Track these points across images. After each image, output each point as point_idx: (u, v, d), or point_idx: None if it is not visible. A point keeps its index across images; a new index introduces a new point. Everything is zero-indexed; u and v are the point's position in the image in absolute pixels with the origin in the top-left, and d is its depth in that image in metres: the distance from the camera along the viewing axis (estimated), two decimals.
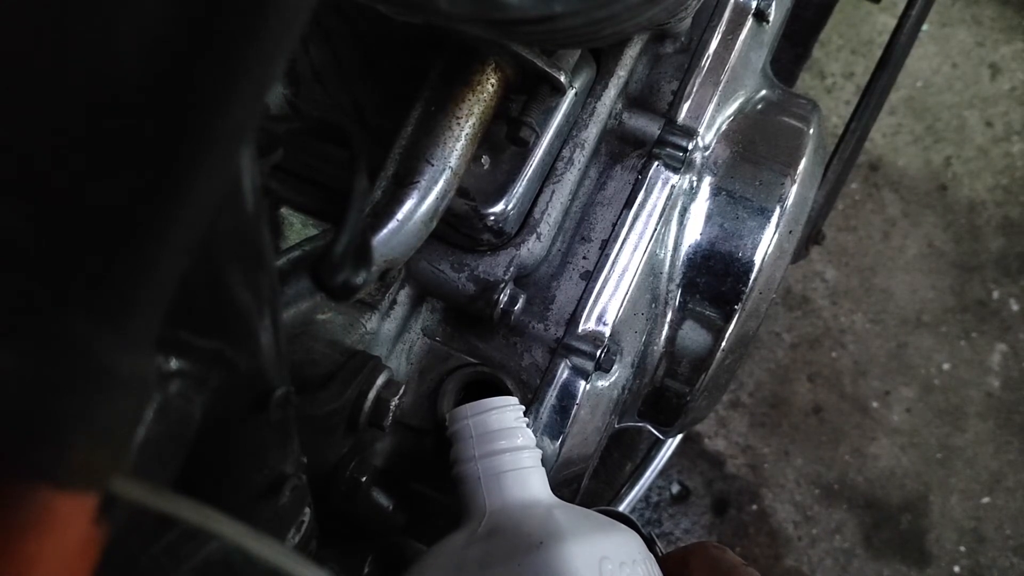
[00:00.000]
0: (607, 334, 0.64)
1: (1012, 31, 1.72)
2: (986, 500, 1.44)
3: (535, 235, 0.64)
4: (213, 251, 0.26)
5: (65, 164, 0.19)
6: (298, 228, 0.67)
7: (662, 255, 0.69)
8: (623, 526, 0.54)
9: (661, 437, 0.95)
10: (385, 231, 0.54)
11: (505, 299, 0.62)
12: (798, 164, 0.70)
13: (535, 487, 0.54)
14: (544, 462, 0.57)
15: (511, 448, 0.55)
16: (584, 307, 0.64)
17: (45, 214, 0.19)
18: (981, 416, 1.48)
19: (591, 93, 0.67)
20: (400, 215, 0.55)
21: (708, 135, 0.70)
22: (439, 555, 0.52)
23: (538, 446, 0.58)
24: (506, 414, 0.56)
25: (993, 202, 1.62)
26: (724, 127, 0.71)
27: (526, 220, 0.65)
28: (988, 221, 1.60)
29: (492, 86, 0.58)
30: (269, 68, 0.22)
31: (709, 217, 0.69)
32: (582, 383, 0.64)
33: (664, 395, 0.73)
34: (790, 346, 1.53)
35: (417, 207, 0.55)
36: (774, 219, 0.68)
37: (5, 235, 0.19)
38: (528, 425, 0.58)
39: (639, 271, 0.66)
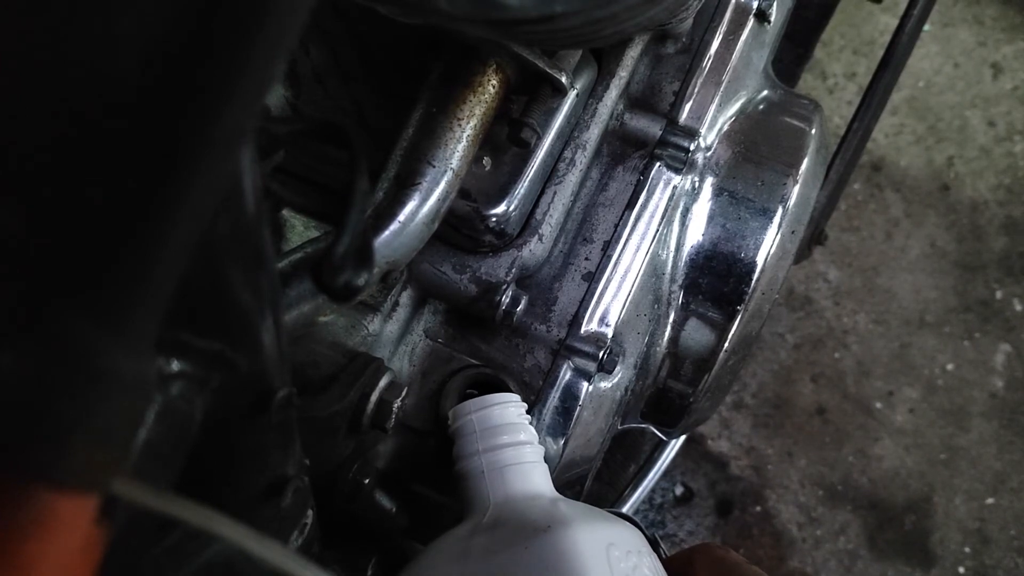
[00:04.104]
0: (609, 335, 0.64)
1: (1014, 31, 1.72)
2: (990, 501, 1.44)
3: (537, 236, 0.64)
4: (214, 252, 0.26)
5: (64, 164, 0.19)
6: (300, 230, 0.67)
7: (664, 256, 0.69)
8: (627, 521, 0.54)
9: (664, 438, 0.95)
10: (387, 233, 0.54)
11: (507, 300, 0.62)
12: (800, 164, 0.70)
13: (538, 481, 0.54)
14: (547, 463, 0.57)
15: (514, 443, 0.55)
16: (586, 308, 0.64)
17: (45, 215, 0.19)
18: (985, 416, 1.48)
19: (592, 94, 0.67)
20: (402, 216, 0.55)
21: (710, 136, 0.70)
22: (443, 546, 0.51)
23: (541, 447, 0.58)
24: (508, 409, 0.56)
25: (996, 202, 1.61)
26: (726, 128, 0.71)
27: (528, 221, 0.65)
28: (991, 221, 1.60)
29: (493, 87, 0.58)
30: (269, 68, 0.22)
31: (711, 218, 0.69)
32: (585, 384, 0.64)
33: (667, 396, 0.73)
34: (793, 347, 1.53)
35: (419, 208, 0.55)
36: (776, 219, 0.68)
37: (4, 236, 0.19)
38: (530, 422, 0.58)
39: (641, 272, 0.66)
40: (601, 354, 0.63)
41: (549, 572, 0.45)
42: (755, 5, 0.70)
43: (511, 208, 0.62)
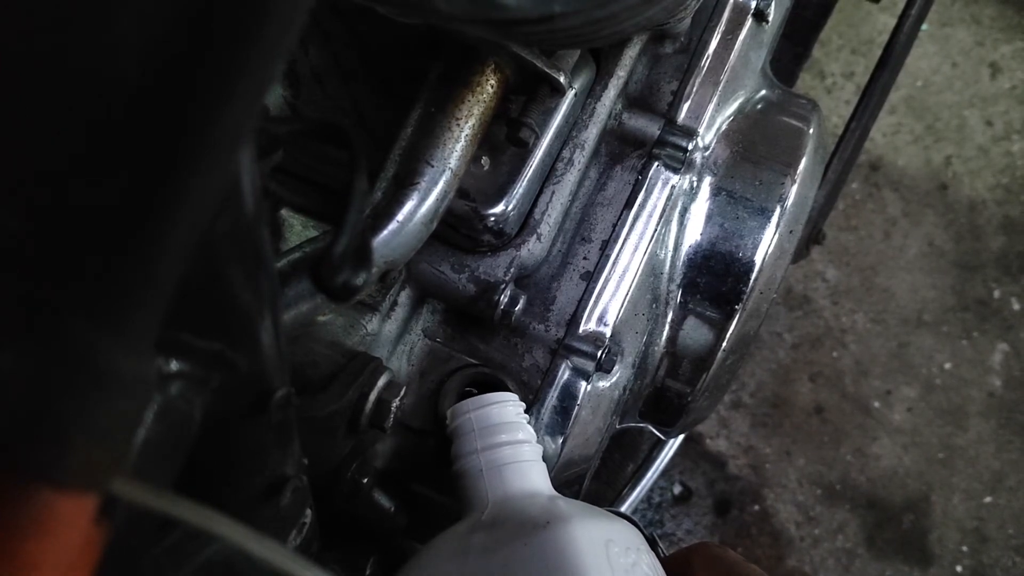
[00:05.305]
0: (608, 335, 0.64)
1: (1012, 30, 1.72)
2: (988, 500, 1.44)
3: (535, 236, 0.64)
4: (213, 252, 0.26)
5: (64, 164, 0.19)
6: (298, 230, 0.67)
7: (662, 255, 0.69)
8: (625, 520, 0.54)
9: (663, 438, 0.95)
10: (385, 232, 0.54)
11: (506, 300, 0.62)
12: (798, 164, 0.70)
13: (536, 479, 0.54)
14: (545, 462, 0.57)
15: (512, 441, 0.55)
16: (585, 308, 0.64)
17: (44, 215, 0.19)
18: (983, 415, 1.48)
19: (591, 94, 0.67)
20: (400, 216, 0.55)
21: (708, 135, 0.70)
22: (442, 544, 0.51)
23: (539, 446, 0.58)
24: (507, 408, 0.57)
25: (994, 201, 1.61)
26: (724, 127, 0.71)
27: (526, 221, 0.65)
28: (989, 220, 1.60)
29: (492, 87, 0.58)
30: (268, 68, 0.22)
31: (709, 217, 0.69)
32: (583, 384, 0.64)
33: (665, 395, 0.73)
34: (791, 346, 1.53)
35: (417, 208, 0.55)
36: (774, 219, 0.68)
37: (4, 236, 0.19)
38: (528, 421, 0.58)
39: (639, 271, 0.66)
40: (599, 353, 0.63)
41: (548, 568, 0.45)
42: (753, 5, 0.70)
43: (509, 208, 0.62)
